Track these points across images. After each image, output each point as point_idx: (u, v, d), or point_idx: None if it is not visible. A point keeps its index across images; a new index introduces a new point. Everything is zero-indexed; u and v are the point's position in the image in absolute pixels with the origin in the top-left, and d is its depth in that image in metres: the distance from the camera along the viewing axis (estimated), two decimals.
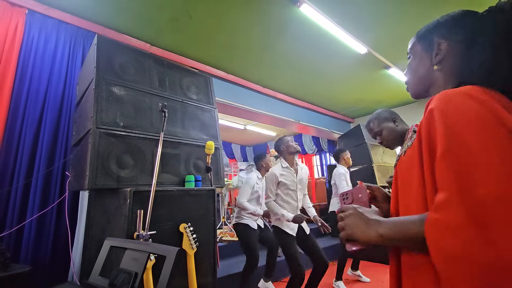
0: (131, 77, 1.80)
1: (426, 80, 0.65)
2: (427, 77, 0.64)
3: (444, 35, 0.62)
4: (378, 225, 0.54)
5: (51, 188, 2.06)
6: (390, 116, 1.42)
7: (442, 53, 0.61)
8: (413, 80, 0.69)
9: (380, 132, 1.42)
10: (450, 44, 0.61)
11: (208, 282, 1.63)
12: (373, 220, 0.55)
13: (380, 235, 0.52)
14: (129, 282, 0.94)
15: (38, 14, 2.31)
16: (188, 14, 2.59)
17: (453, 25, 0.61)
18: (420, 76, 0.66)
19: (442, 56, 0.61)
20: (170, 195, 1.57)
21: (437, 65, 0.62)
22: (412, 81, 0.69)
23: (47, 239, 1.98)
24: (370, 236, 0.54)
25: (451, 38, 0.61)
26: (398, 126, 1.40)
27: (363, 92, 4.63)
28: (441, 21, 0.64)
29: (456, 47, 0.60)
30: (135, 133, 1.66)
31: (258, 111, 4.20)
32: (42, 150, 2.07)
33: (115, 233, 1.45)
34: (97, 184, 1.44)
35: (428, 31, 0.65)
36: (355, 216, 0.58)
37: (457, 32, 0.60)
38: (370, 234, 0.54)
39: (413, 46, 0.69)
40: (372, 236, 0.54)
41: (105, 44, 1.79)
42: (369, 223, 0.55)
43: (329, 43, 3.07)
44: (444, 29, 0.62)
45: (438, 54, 0.62)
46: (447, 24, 0.62)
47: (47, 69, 2.24)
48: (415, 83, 0.68)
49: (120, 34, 2.80)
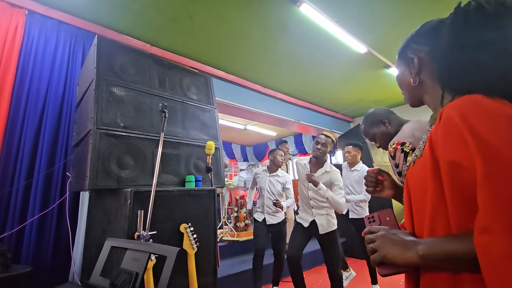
0: (131, 78, 1.81)
1: (415, 92, 0.68)
2: (415, 89, 0.68)
3: (415, 49, 0.66)
4: (417, 245, 0.51)
5: (51, 189, 2.07)
6: (379, 118, 1.35)
7: (416, 68, 0.65)
8: (404, 93, 0.73)
9: (373, 137, 1.38)
10: (420, 57, 0.64)
11: (209, 282, 1.63)
12: (410, 240, 0.52)
13: (421, 256, 0.49)
14: (129, 282, 0.94)
15: (38, 14, 2.32)
16: (188, 15, 2.59)
17: (421, 37, 0.65)
18: (409, 90, 0.70)
19: (416, 70, 0.65)
20: (171, 195, 1.57)
21: (413, 79, 0.66)
22: (404, 94, 0.73)
23: (48, 239, 1.98)
24: (408, 257, 0.51)
25: (421, 51, 0.64)
26: (390, 127, 1.32)
27: (363, 92, 4.63)
28: (412, 36, 0.68)
29: (426, 59, 0.63)
30: (135, 133, 1.66)
31: (258, 111, 4.20)
32: (42, 151, 2.07)
33: (116, 233, 1.45)
34: (97, 184, 1.45)
35: (404, 47, 0.69)
36: (388, 237, 0.55)
37: (425, 44, 0.64)
38: (408, 255, 0.51)
39: (397, 62, 0.73)
40: (411, 258, 0.50)
41: (105, 45, 1.79)
42: (407, 243, 0.52)
43: (329, 43, 3.07)
44: (414, 44, 0.66)
45: (414, 68, 0.65)
46: (415, 38, 0.66)
47: (47, 70, 2.24)
48: (408, 97, 0.72)
49: (120, 34, 2.80)
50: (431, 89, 0.64)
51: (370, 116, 1.40)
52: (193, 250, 1.47)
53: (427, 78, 0.64)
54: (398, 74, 0.72)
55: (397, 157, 0.94)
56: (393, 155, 0.96)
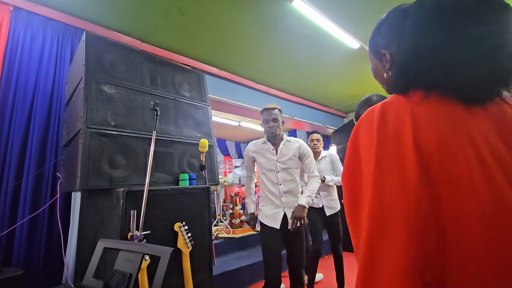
0: (122, 75, 1.77)
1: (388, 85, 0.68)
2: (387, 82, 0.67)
3: (384, 43, 0.63)
4: None
5: (42, 190, 2.03)
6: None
7: (388, 63, 0.63)
8: (380, 83, 0.72)
9: None
10: (390, 52, 0.62)
11: (204, 280, 1.62)
12: None
13: None
14: (123, 284, 0.93)
15: (23, 11, 2.24)
16: (179, 10, 2.55)
17: (388, 29, 0.63)
18: (383, 82, 0.69)
19: (389, 65, 0.63)
20: (164, 194, 1.55)
21: (386, 74, 0.64)
22: (382, 86, 0.72)
23: (39, 241, 1.95)
24: None
25: (390, 45, 0.62)
26: None
27: (356, 87, 4.65)
28: (378, 26, 0.66)
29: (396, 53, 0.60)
30: (127, 132, 1.63)
31: (252, 108, 4.18)
32: (31, 151, 2.02)
33: (109, 234, 1.43)
34: (89, 185, 1.42)
35: (372, 38, 0.67)
36: None
37: (391, 36, 0.61)
38: None
39: (369, 54, 0.72)
40: None
41: (94, 41, 1.74)
42: None
43: (322, 38, 3.06)
44: (381, 37, 0.64)
45: (386, 63, 0.63)
46: (382, 29, 0.64)
47: (35, 68, 2.18)
48: (383, 86, 0.71)
49: (110, 30, 2.74)
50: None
51: (366, 102, 1.39)
52: (188, 249, 1.47)
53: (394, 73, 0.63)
54: (372, 67, 0.71)
55: None
56: None
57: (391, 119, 0.47)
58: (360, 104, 1.38)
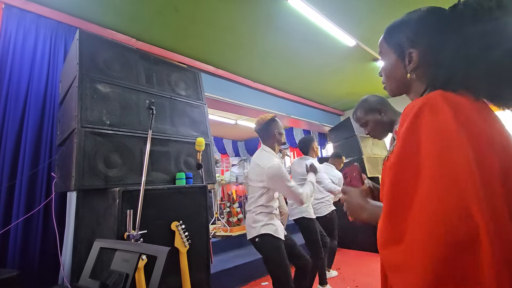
0: (117, 74, 1.75)
1: (403, 84, 0.65)
2: (404, 82, 0.64)
3: (412, 41, 0.60)
4: (363, 209, 0.71)
5: (36, 190, 2.00)
6: (376, 106, 1.32)
7: (415, 62, 0.60)
8: (390, 83, 0.68)
9: (366, 123, 1.35)
10: (420, 51, 0.59)
11: (202, 279, 1.63)
12: (360, 204, 0.72)
13: (365, 218, 0.71)
14: (120, 284, 0.92)
15: (15, 8, 2.21)
16: (174, 8, 2.53)
17: (419, 27, 0.60)
18: (397, 81, 0.66)
19: (415, 65, 0.60)
20: (161, 193, 1.54)
21: (410, 73, 0.62)
22: (389, 84, 0.68)
23: (34, 242, 1.93)
24: (360, 218, 0.72)
25: (420, 44, 0.59)
26: (384, 116, 1.29)
27: (352, 85, 4.66)
28: (407, 22, 0.62)
29: (426, 53, 0.59)
30: (122, 131, 1.62)
31: (249, 106, 4.18)
32: (25, 151, 2.00)
33: (105, 234, 1.42)
34: (84, 184, 1.41)
35: (395, 33, 0.64)
36: (350, 202, 0.74)
37: (424, 35, 0.59)
38: (360, 216, 0.72)
39: (383, 48, 0.68)
40: (361, 218, 0.72)
41: (88, 39, 1.72)
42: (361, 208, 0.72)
43: (317, 36, 3.06)
44: (410, 33, 0.61)
45: (411, 62, 0.61)
46: (413, 26, 0.61)
47: (27, 66, 2.15)
48: (393, 87, 0.68)
49: (104, 28, 2.71)
50: (419, 86, 0.62)
51: (365, 103, 1.36)
52: (185, 247, 1.46)
53: (420, 74, 0.61)
54: (388, 64, 0.67)
55: None
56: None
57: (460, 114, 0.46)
58: (364, 108, 1.35)
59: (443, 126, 0.45)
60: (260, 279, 2.98)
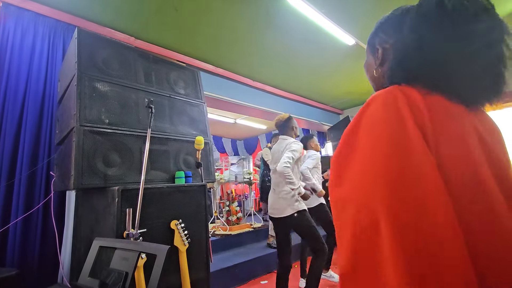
0: (116, 72, 1.75)
1: (375, 82, 0.68)
2: (375, 79, 0.68)
3: (381, 39, 0.63)
4: None
5: (35, 189, 2.00)
6: None
7: (378, 58, 0.64)
8: (368, 79, 0.72)
9: None
10: (385, 49, 0.62)
11: (202, 277, 1.63)
12: None
13: None
14: (119, 282, 0.93)
15: (13, 6, 2.20)
16: (173, 6, 2.52)
17: (387, 27, 0.63)
18: (371, 78, 0.70)
19: (379, 61, 0.64)
20: (160, 192, 1.54)
21: (375, 70, 0.65)
22: (369, 81, 0.72)
23: (34, 241, 1.92)
24: None
25: (386, 42, 0.62)
26: None
27: (351, 84, 4.67)
28: (379, 24, 0.65)
29: (389, 51, 0.61)
30: (121, 130, 1.61)
31: (248, 105, 4.17)
32: (24, 150, 1.99)
33: (104, 232, 1.42)
34: (83, 183, 1.40)
35: (372, 35, 0.67)
36: None
37: (389, 35, 0.62)
38: None
39: (366, 48, 0.72)
40: None
41: (87, 38, 1.71)
42: None
43: (316, 35, 3.05)
44: (381, 32, 0.64)
45: (377, 59, 0.64)
46: (382, 27, 0.64)
47: (26, 65, 2.14)
48: (371, 83, 0.71)
49: (103, 27, 2.70)
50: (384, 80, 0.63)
51: None
52: (185, 246, 1.46)
53: (384, 71, 0.62)
54: (365, 61, 0.72)
55: None
56: None
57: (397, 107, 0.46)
58: None
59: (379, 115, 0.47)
60: (259, 277, 2.99)
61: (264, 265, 3.12)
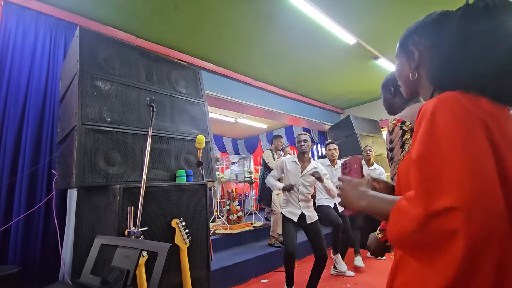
0: (117, 71, 1.75)
1: (410, 84, 0.68)
2: (410, 82, 0.67)
3: (416, 42, 0.64)
4: (361, 198, 0.63)
5: (37, 187, 2.01)
6: (388, 84, 1.34)
7: (416, 62, 0.64)
8: (401, 84, 0.72)
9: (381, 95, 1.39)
10: (421, 51, 0.63)
11: (202, 276, 1.64)
12: (361, 193, 0.64)
13: (361, 206, 0.63)
14: (121, 280, 0.93)
15: (14, 5, 2.20)
16: (174, 5, 2.52)
17: (424, 30, 0.63)
18: (404, 81, 0.70)
19: (415, 64, 0.64)
20: (161, 190, 1.55)
21: (412, 73, 0.65)
22: (401, 86, 0.72)
23: (35, 239, 1.93)
24: (355, 206, 0.64)
25: (422, 44, 0.62)
26: (394, 98, 1.30)
27: (352, 83, 4.66)
28: (414, 26, 0.66)
29: (427, 54, 0.62)
30: (123, 128, 1.62)
31: (249, 104, 4.17)
32: (25, 148, 2.00)
33: (106, 230, 1.43)
34: (84, 182, 1.41)
35: (405, 37, 0.68)
36: (348, 187, 0.67)
37: (427, 37, 0.62)
38: (355, 204, 0.64)
39: (396, 53, 0.72)
40: (357, 206, 0.64)
41: (88, 37, 1.72)
42: (359, 195, 0.64)
43: (318, 34, 3.05)
44: (415, 35, 0.64)
45: (413, 62, 0.65)
46: (418, 29, 0.64)
47: (27, 63, 2.14)
48: (403, 88, 0.72)
49: (104, 25, 2.70)
50: (425, 84, 0.64)
51: (384, 78, 1.40)
52: (186, 244, 1.47)
53: (422, 74, 0.63)
54: (397, 65, 0.72)
55: (394, 133, 0.94)
56: (391, 130, 0.97)
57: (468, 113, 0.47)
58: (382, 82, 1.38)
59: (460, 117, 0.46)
60: (259, 276, 2.99)
61: (264, 264, 3.12)
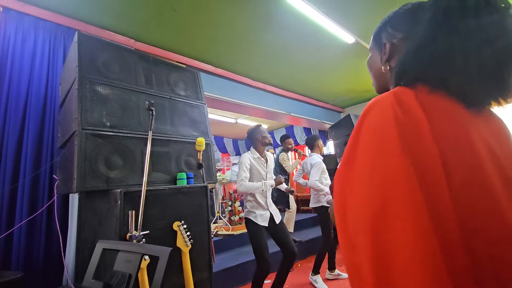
0: (116, 75, 1.75)
1: (381, 79, 0.65)
2: (381, 76, 0.64)
3: (389, 34, 0.61)
4: None
5: (39, 192, 2.02)
6: None
7: (386, 54, 0.61)
8: (372, 77, 0.69)
9: None
10: (393, 43, 0.60)
11: (205, 278, 1.64)
12: None
13: None
14: (123, 284, 0.93)
15: (13, 11, 2.21)
16: (172, 8, 2.52)
17: (396, 22, 0.61)
18: (375, 75, 0.67)
19: (386, 57, 0.61)
20: (162, 193, 1.55)
21: (383, 66, 0.62)
22: (372, 79, 0.69)
23: (38, 244, 1.94)
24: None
25: (394, 37, 0.60)
26: None
27: (352, 82, 4.66)
28: (388, 18, 0.63)
29: (398, 46, 0.59)
30: (123, 132, 1.62)
31: (249, 105, 4.17)
32: (27, 154, 2.01)
33: (108, 235, 1.43)
34: (86, 186, 1.42)
35: (379, 29, 0.65)
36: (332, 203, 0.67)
37: (399, 30, 0.59)
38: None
39: (371, 45, 0.69)
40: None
41: (87, 41, 1.72)
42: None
43: (316, 33, 3.05)
44: (389, 27, 0.62)
45: (384, 54, 0.62)
46: (391, 21, 0.62)
47: (27, 69, 2.16)
48: (374, 81, 0.68)
49: (103, 30, 2.71)
50: (392, 81, 0.60)
51: None
52: (187, 247, 1.47)
53: (391, 68, 0.60)
54: (369, 57, 0.68)
55: None
56: None
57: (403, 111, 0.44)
58: None
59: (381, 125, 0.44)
60: None
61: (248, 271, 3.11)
